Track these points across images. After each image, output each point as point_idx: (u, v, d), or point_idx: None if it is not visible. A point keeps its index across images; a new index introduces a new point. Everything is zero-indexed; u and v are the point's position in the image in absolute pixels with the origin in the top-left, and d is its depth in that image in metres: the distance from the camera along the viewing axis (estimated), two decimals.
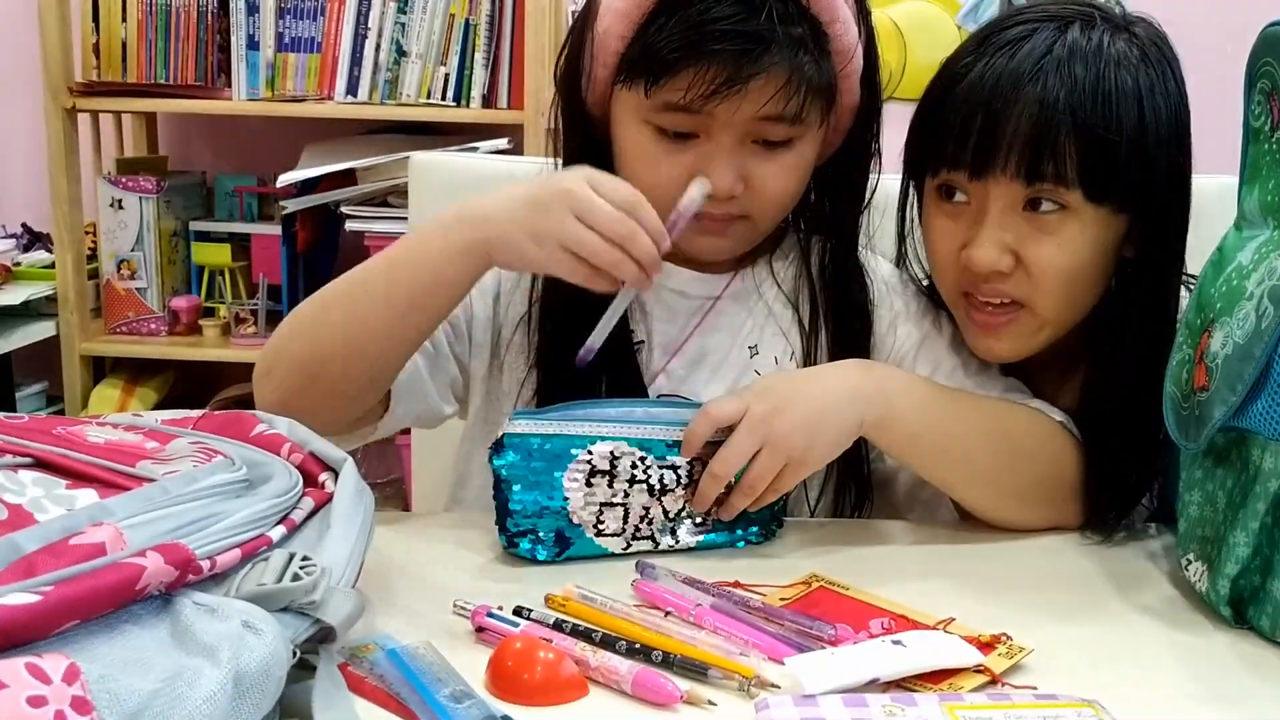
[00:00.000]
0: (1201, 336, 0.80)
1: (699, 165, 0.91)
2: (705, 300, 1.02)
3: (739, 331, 1.02)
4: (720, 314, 1.02)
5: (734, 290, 1.03)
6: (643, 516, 0.88)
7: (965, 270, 0.94)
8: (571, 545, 0.87)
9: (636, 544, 0.88)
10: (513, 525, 0.86)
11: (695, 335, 1.02)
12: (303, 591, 0.61)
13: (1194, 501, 0.82)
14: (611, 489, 0.86)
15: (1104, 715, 0.64)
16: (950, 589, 0.83)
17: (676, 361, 1.01)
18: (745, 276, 1.03)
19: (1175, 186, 0.92)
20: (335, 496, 0.72)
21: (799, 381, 0.91)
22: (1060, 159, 0.88)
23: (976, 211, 0.93)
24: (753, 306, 1.03)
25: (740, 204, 0.93)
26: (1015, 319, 0.95)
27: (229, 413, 0.83)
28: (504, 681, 0.67)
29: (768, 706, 0.64)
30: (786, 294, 1.03)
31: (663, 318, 1.02)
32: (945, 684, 0.68)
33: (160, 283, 2.12)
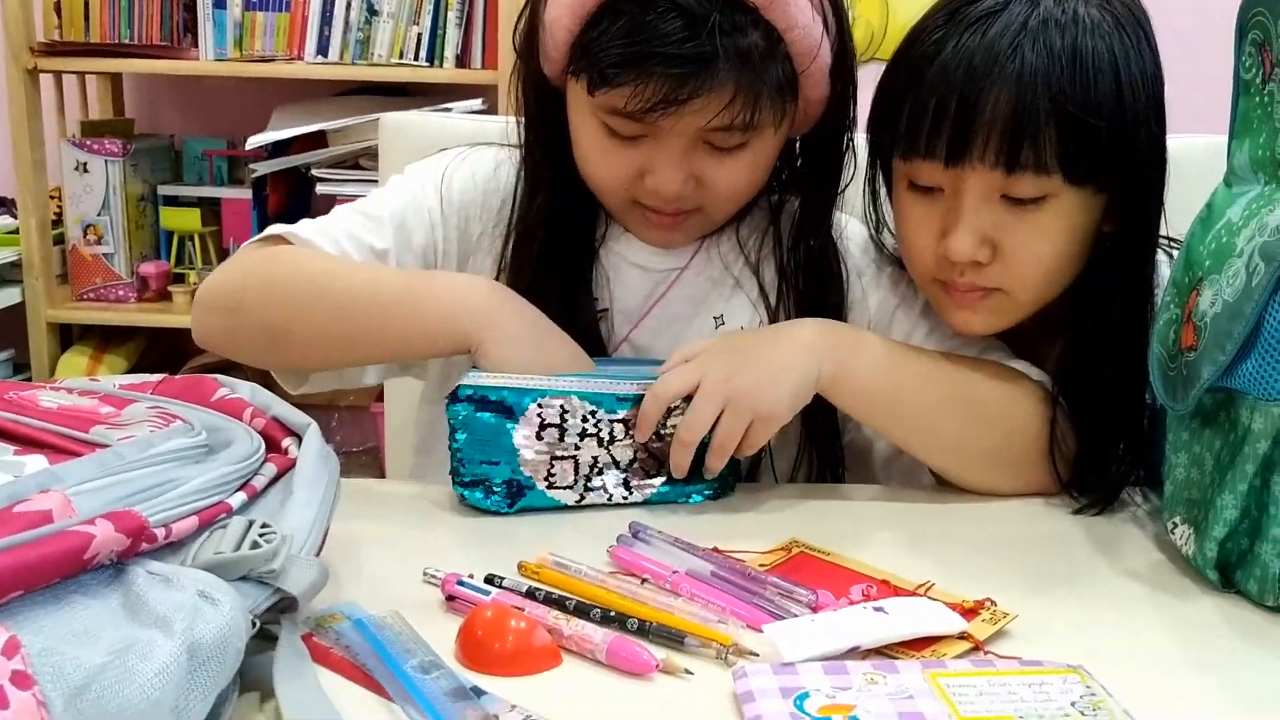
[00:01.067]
0: (1190, 295, 0.78)
1: (647, 164, 0.89)
2: (669, 271, 0.99)
3: (703, 301, 1.00)
4: (684, 284, 1.00)
5: (699, 261, 1.00)
6: (592, 467, 0.87)
7: (941, 259, 0.91)
8: (524, 497, 0.86)
9: (590, 496, 0.87)
10: (465, 474, 0.85)
11: (658, 305, 0.99)
12: (262, 560, 0.59)
13: (1180, 464, 0.81)
14: (562, 442, 0.86)
15: (1090, 681, 0.62)
16: (931, 553, 0.82)
17: (638, 331, 0.99)
18: (711, 246, 1.01)
19: (1153, 158, 0.89)
20: (298, 462, 0.70)
21: (754, 339, 0.90)
22: (1039, 146, 0.85)
23: (951, 200, 0.89)
24: (718, 276, 1.00)
25: (693, 199, 0.91)
26: (990, 297, 0.92)
27: (189, 376, 0.80)
28: (474, 651, 0.65)
29: (745, 675, 0.62)
30: (754, 263, 1.00)
31: (627, 288, 1.00)
32: (928, 651, 0.67)
33: (128, 248, 2.07)
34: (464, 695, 0.60)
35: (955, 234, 0.88)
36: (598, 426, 0.86)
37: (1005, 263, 0.89)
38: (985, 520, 0.89)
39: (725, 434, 0.85)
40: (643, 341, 0.99)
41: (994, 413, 0.91)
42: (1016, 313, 0.93)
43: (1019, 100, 0.84)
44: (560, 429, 0.86)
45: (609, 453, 0.87)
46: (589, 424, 0.86)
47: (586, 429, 0.86)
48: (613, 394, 0.86)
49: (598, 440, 0.86)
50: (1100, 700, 0.61)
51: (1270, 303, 0.69)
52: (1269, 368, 0.69)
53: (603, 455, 0.87)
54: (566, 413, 0.86)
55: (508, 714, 0.59)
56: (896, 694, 0.61)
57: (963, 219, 0.88)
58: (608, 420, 0.86)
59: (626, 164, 0.89)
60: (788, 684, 0.61)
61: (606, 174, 0.91)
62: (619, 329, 0.99)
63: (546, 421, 0.85)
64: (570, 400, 0.85)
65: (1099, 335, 0.92)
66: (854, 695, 0.60)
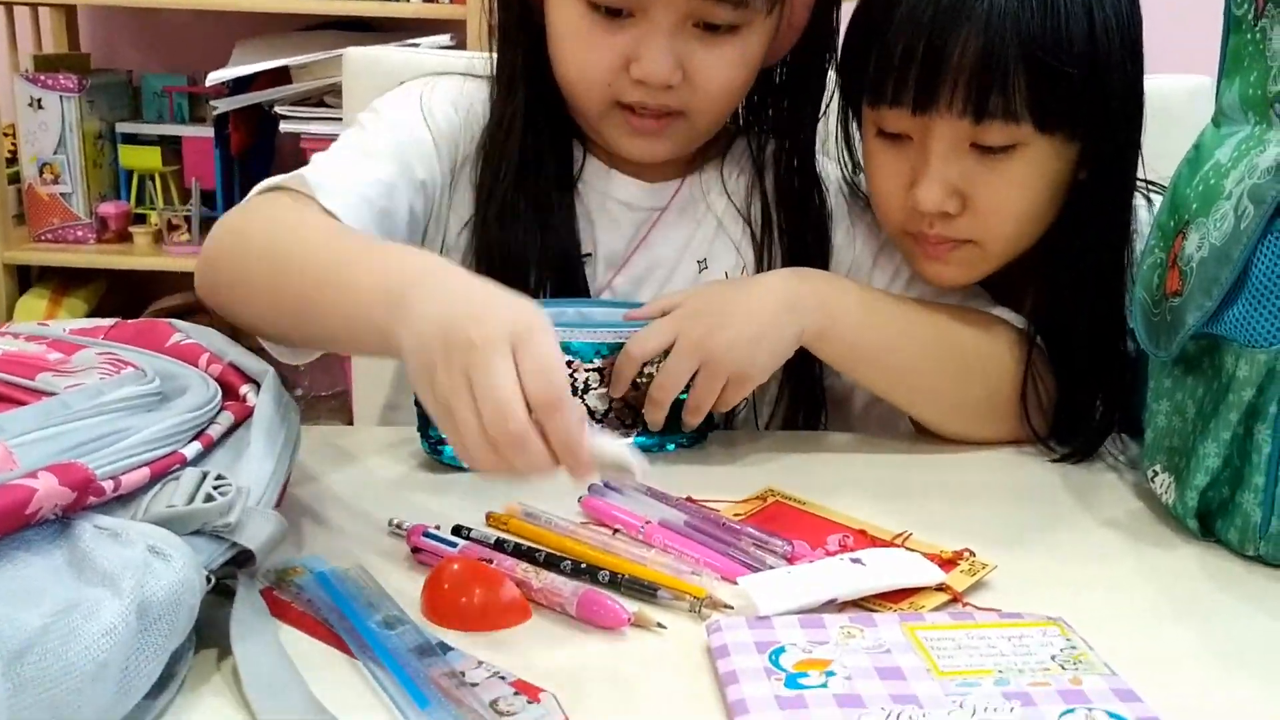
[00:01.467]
0: (1175, 239, 0.76)
1: (633, 48, 0.85)
2: (651, 211, 0.96)
3: (686, 244, 0.97)
4: (666, 225, 0.97)
5: (681, 200, 0.97)
6: None
7: (909, 210, 0.88)
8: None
9: None
10: (435, 432, 0.82)
11: (641, 249, 0.97)
12: (217, 513, 0.56)
13: (1162, 411, 0.79)
14: None
15: (1070, 634, 0.61)
16: (908, 502, 0.80)
17: (622, 277, 0.96)
18: (693, 184, 0.97)
19: (1129, 102, 0.87)
20: (256, 410, 0.67)
21: (731, 295, 0.86)
22: (1009, 93, 0.81)
23: (919, 148, 0.86)
24: (701, 217, 0.97)
25: (678, 97, 0.87)
26: (961, 249, 0.90)
27: (143, 321, 0.77)
28: (440, 606, 0.63)
29: (719, 629, 0.60)
30: (737, 205, 0.97)
31: (608, 229, 0.96)
32: (905, 603, 0.65)
33: (86, 188, 2.01)
34: (429, 651, 0.58)
35: (923, 184, 0.86)
36: (573, 376, 0.84)
37: (975, 214, 0.87)
38: (964, 469, 0.87)
39: (701, 393, 0.84)
40: (626, 289, 0.96)
41: (978, 363, 0.89)
42: (988, 264, 0.91)
43: (987, 44, 0.81)
44: None
45: (584, 402, 0.84)
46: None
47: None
48: (589, 343, 0.84)
49: (572, 390, 0.84)
50: (1081, 653, 0.59)
51: (1259, 247, 0.67)
52: (1256, 313, 0.68)
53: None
54: None
55: (474, 670, 0.57)
56: (874, 648, 0.59)
57: (930, 169, 0.85)
58: (583, 369, 0.84)
59: (610, 52, 0.85)
60: (763, 638, 0.60)
61: (588, 65, 0.86)
62: (602, 275, 0.96)
63: None
64: None
65: (1075, 283, 0.90)
66: (830, 649, 0.59)
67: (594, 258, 0.96)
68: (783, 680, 0.56)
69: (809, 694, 0.55)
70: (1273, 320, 0.67)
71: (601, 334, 0.84)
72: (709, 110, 0.90)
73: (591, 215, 0.96)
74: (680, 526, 0.73)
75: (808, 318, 0.85)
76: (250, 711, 0.53)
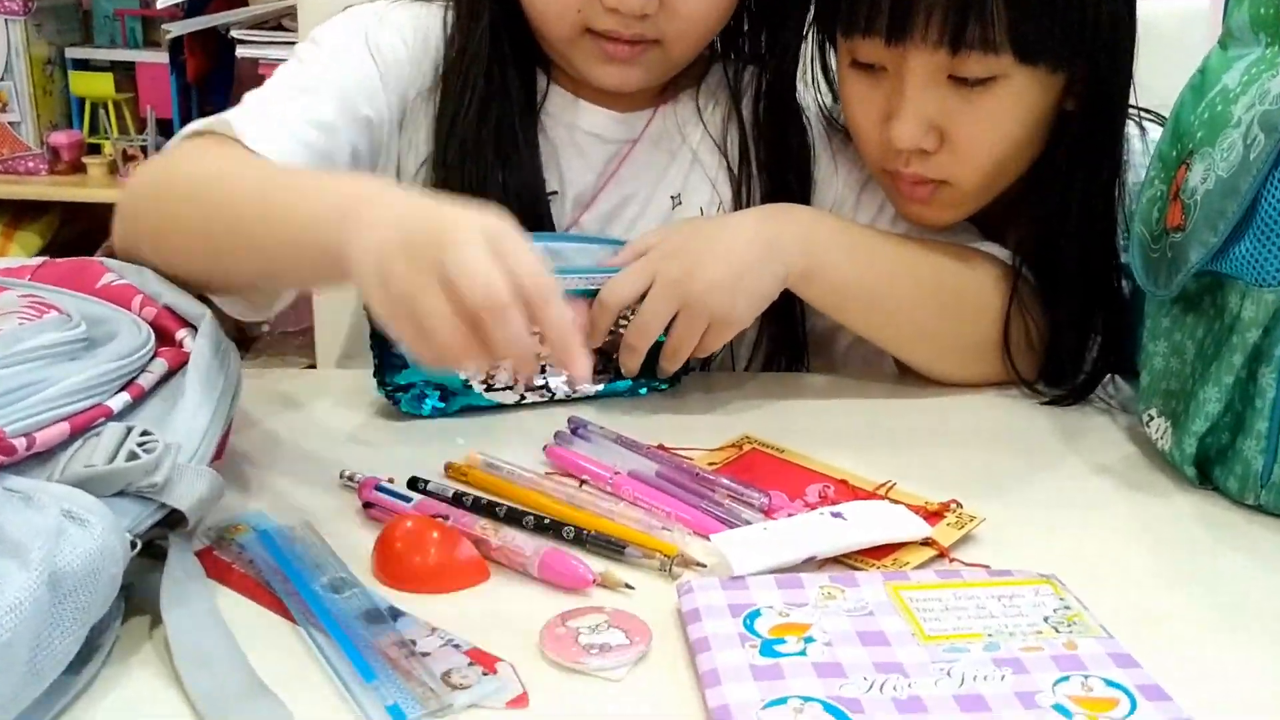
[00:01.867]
0: (1178, 170, 0.71)
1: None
2: (621, 144, 0.90)
3: (660, 179, 0.91)
4: (638, 159, 0.91)
5: (654, 131, 0.91)
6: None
7: (885, 146, 0.83)
8: (458, 396, 0.79)
9: (531, 396, 0.80)
10: (393, 378, 0.78)
11: (611, 184, 0.91)
12: (141, 472, 0.52)
13: (1159, 352, 0.75)
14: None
15: (1063, 593, 0.58)
16: (892, 450, 0.76)
17: (590, 214, 0.91)
18: (667, 115, 0.92)
19: (1117, 28, 0.80)
20: (191, 358, 0.62)
21: (709, 234, 0.81)
22: (987, 21, 0.76)
23: (895, 80, 0.80)
24: (675, 150, 0.92)
25: (653, 25, 0.81)
26: (940, 191, 0.85)
27: (74, 260, 0.72)
28: (392, 567, 0.59)
29: (691, 591, 0.56)
30: (714, 137, 0.92)
31: (576, 164, 0.90)
32: (889, 559, 0.61)
33: (36, 116, 1.93)
34: (378, 618, 0.54)
35: (899, 119, 0.80)
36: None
37: (953, 151, 0.81)
38: (950, 414, 0.83)
39: (680, 339, 0.79)
40: (594, 227, 0.91)
41: (968, 301, 0.85)
42: (969, 204, 0.87)
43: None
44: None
45: None
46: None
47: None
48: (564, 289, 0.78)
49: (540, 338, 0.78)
50: (1075, 614, 0.56)
51: (1269, 179, 0.63)
52: (1264, 250, 0.63)
53: (549, 357, 0.79)
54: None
55: (426, 638, 0.53)
56: (855, 610, 0.55)
57: (906, 103, 0.79)
58: None
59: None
60: (737, 600, 0.56)
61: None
62: (570, 213, 0.91)
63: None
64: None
65: (1063, 218, 0.85)
66: (809, 612, 0.55)
67: (561, 195, 0.90)
68: (758, 648, 0.52)
69: (785, 663, 0.51)
70: None
71: (573, 280, 0.78)
72: (685, 39, 0.84)
73: (557, 149, 0.90)
74: (651, 477, 0.69)
75: (791, 258, 0.80)
76: (182, 686, 0.49)
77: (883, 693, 0.50)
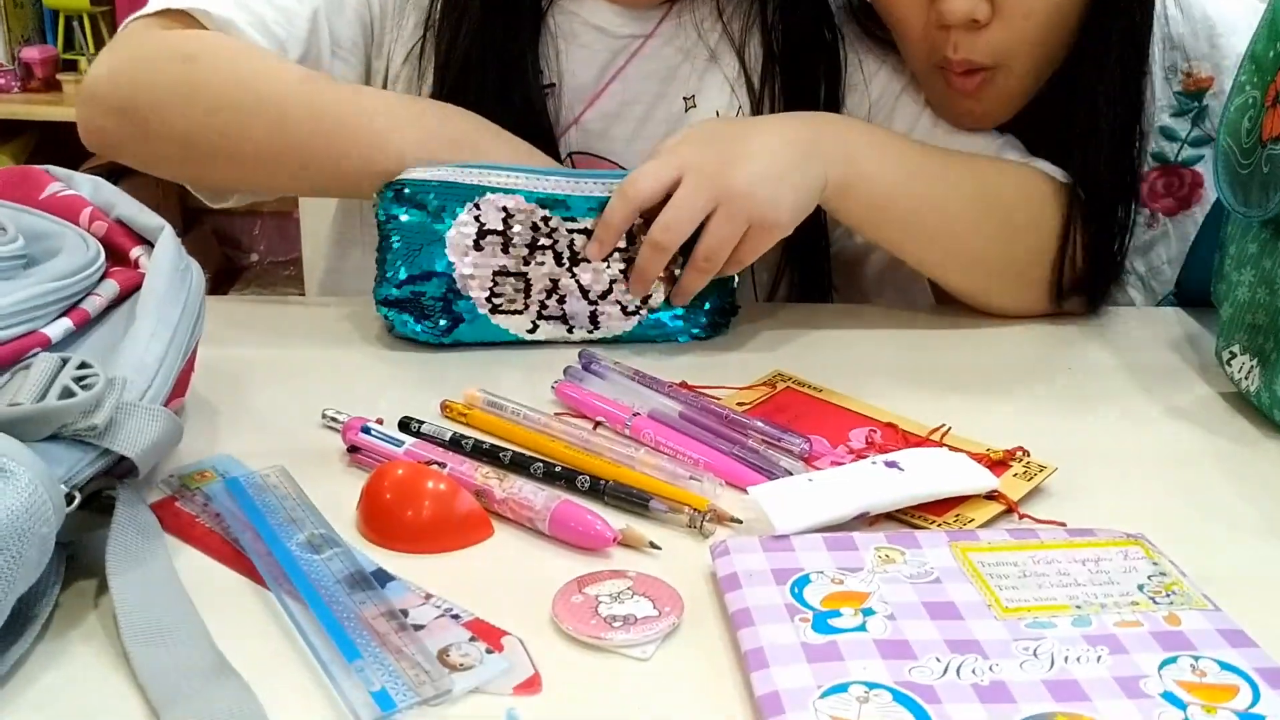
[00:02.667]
0: (1276, 74, 0.62)
1: None
2: (632, 39, 0.82)
3: (672, 78, 0.83)
4: (649, 56, 0.82)
5: (668, 28, 0.82)
6: (549, 291, 0.71)
7: (931, 29, 0.77)
8: (462, 323, 0.70)
9: (544, 325, 0.72)
10: (387, 292, 0.70)
11: (617, 81, 0.82)
12: (78, 411, 0.43)
13: (1244, 282, 0.67)
14: (507, 254, 0.70)
15: (1156, 556, 0.50)
16: (943, 389, 0.69)
17: (592, 112, 0.82)
18: (683, 10, 0.83)
19: None
20: (146, 279, 0.54)
21: (744, 130, 0.74)
22: None
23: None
24: (691, 49, 0.83)
25: None
26: (991, 81, 0.78)
27: (15, 169, 0.63)
28: (380, 521, 0.51)
29: (727, 553, 0.49)
30: (733, 36, 0.83)
31: (579, 57, 0.82)
32: (951, 515, 0.54)
33: (7, 31, 1.83)
34: (364, 583, 0.46)
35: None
36: (553, 237, 0.70)
37: (1004, 21, 0.75)
38: (1000, 348, 0.75)
39: (715, 242, 0.69)
40: (596, 126, 0.82)
41: (1024, 218, 0.77)
42: (1018, 96, 0.80)
43: None
44: (504, 237, 0.69)
45: (572, 276, 0.71)
46: (540, 233, 0.70)
47: (538, 239, 0.70)
48: (575, 195, 0.70)
49: (555, 256, 0.70)
50: (1173, 580, 0.48)
51: None
52: None
53: (564, 278, 0.71)
54: (511, 216, 0.69)
55: (420, 607, 0.46)
56: (919, 576, 0.48)
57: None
58: (566, 231, 0.70)
59: None
60: (781, 564, 0.48)
61: None
62: (568, 108, 0.82)
63: (486, 227, 0.69)
64: (515, 199, 0.69)
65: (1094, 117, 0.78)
66: (866, 579, 0.47)
67: (559, 89, 0.81)
68: (810, 622, 0.44)
69: (844, 640, 0.43)
70: None
71: (589, 186, 0.70)
72: None
73: (558, 40, 0.81)
74: (674, 419, 0.61)
75: (831, 165, 0.72)
76: (130, 665, 0.42)
77: (960, 677, 0.42)
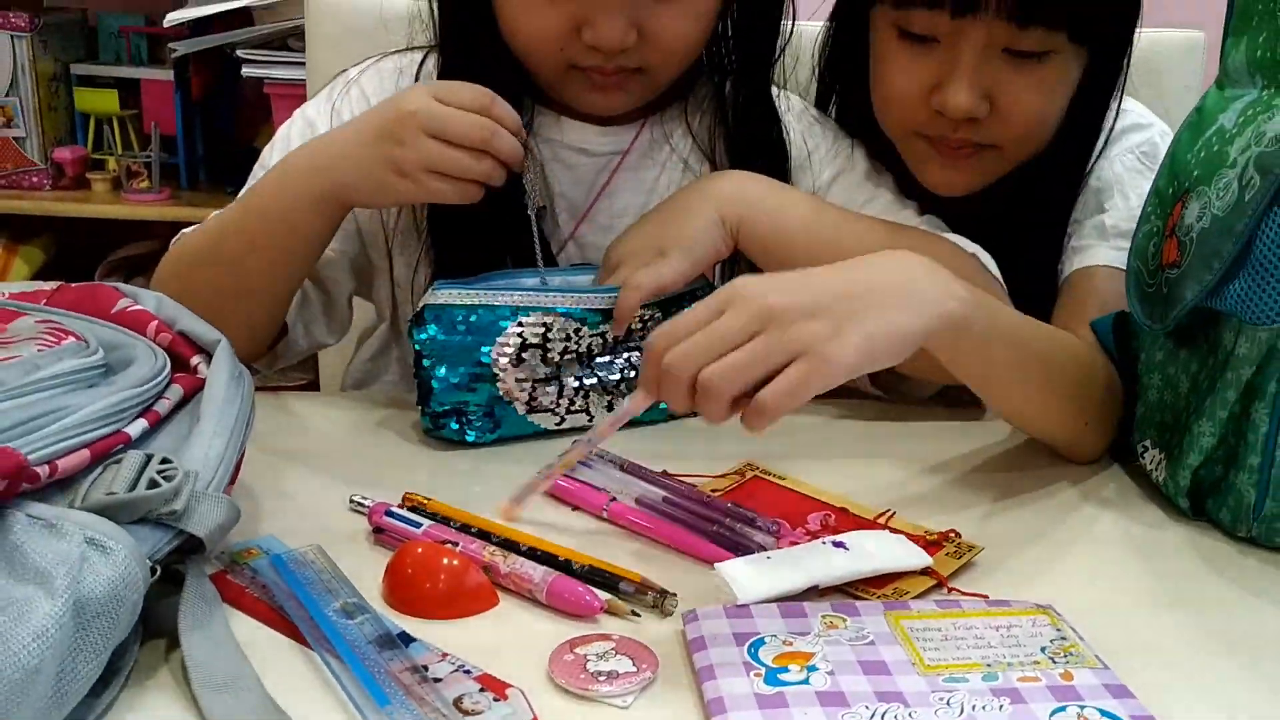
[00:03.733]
0: (1174, 207, 0.73)
1: (583, 13, 0.81)
2: (612, 156, 0.93)
3: (653, 188, 0.93)
4: (629, 170, 0.93)
5: (643, 143, 0.93)
6: (577, 390, 0.81)
7: (932, 114, 0.86)
8: (502, 425, 0.80)
9: (571, 418, 0.82)
10: (436, 404, 0.79)
11: (604, 196, 0.93)
12: (162, 500, 0.53)
13: (1153, 385, 0.77)
14: (544, 363, 0.80)
15: (1060, 623, 0.59)
16: (889, 476, 0.78)
17: (585, 227, 0.93)
18: (654, 127, 0.94)
19: (1133, 17, 0.87)
20: (207, 384, 0.63)
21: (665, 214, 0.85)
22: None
23: (949, 51, 0.84)
24: (664, 159, 0.94)
25: (635, 56, 0.83)
26: (981, 154, 0.88)
27: (86, 285, 0.73)
28: (403, 592, 0.60)
29: (696, 619, 0.58)
30: (700, 144, 0.94)
31: (567, 179, 0.92)
32: (889, 588, 0.63)
33: (41, 132, 1.94)
34: (390, 643, 0.55)
35: (954, 87, 0.83)
36: (581, 343, 0.81)
37: (1001, 118, 0.85)
38: (944, 440, 0.84)
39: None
40: (589, 239, 0.93)
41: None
42: (1000, 170, 0.90)
43: None
44: (543, 349, 0.79)
45: (594, 372, 0.81)
46: (571, 341, 0.80)
47: (569, 346, 0.80)
48: (598, 308, 0.81)
49: (578, 358, 0.81)
50: (1071, 644, 0.57)
51: (1264, 219, 0.64)
52: (1259, 289, 0.65)
53: (587, 376, 0.81)
54: (549, 329, 0.79)
55: (437, 664, 0.54)
56: (857, 639, 0.57)
57: (963, 72, 0.83)
58: (588, 335, 0.81)
59: (559, 16, 0.82)
60: (742, 629, 0.57)
61: (540, 31, 0.83)
62: (564, 225, 0.92)
63: (528, 342, 0.79)
64: (554, 317, 0.79)
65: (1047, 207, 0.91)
66: (812, 641, 0.56)
67: (551, 209, 0.92)
68: (762, 676, 0.53)
69: (790, 691, 0.52)
70: (1276, 297, 0.64)
71: (609, 299, 0.81)
72: (668, 65, 0.87)
73: (547, 166, 0.92)
74: (658, 503, 0.70)
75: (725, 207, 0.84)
76: (199, 709, 0.50)
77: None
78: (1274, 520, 0.68)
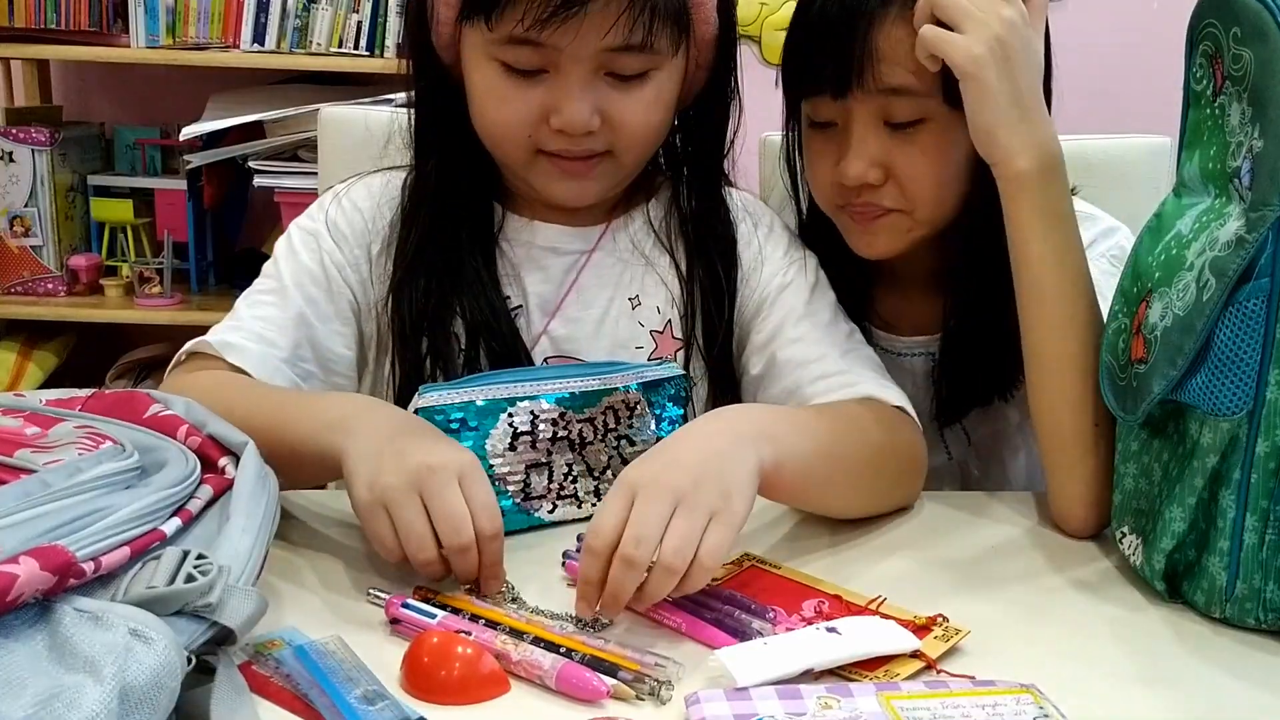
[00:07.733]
0: (1139, 306, 0.78)
1: (550, 101, 0.88)
2: (579, 255, 0.99)
3: (618, 283, 0.99)
4: (596, 267, 0.99)
5: (607, 241, 1.00)
6: (566, 475, 0.86)
7: (840, 186, 0.97)
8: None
9: (561, 506, 0.86)
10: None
11: (573, 292, 0.99)
12: (198, 593, 0.56)
13: (1129, 474, 0.81)
14: (535, 450, 0.84)
15: (1043, 702, 0.62)
16: (880, 565, 0.81)
17: (557, 322, 0.98)
18: (618, 225, 1.00)
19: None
20: (235, 484, 0.67)
21: (670, 441, 0.77)
22: (916, 71, 0.89)
23: (844, 132, 0.95)
24: (629, 256, 1.00)
25: (601, 139, 0.90)
26: (889, 216, 0.97)
27: (120, 392, 0.78)
28: (420, 679, 0.63)
29: (698, 702, 0.61)
30: (661, 239, 1.00)
31: (537, 278, 0.98)
32: (881, 671, 0.66)
33: (57, 240, 2.01)
34: None
35: (846, 160, 0.95)
36: (568, 429, 0.85)
37: (898, 183, 0.95)
38: (932, 530, 0.88)
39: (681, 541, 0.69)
40: (561, 333, 0.98)
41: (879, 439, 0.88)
42: (914, 231, 0.98)
43: (891, 30, 0.90)
44: (532, 436, 0.84)
45: (582, 458, 0.86)
46: (559, 427, 0.84)
47: (557, 432, 0.84)
48: (581, 391, 0.85)
49: (568, 443, 0.85)
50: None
51: (1220, 318, 0.69)
52: (1219, 383, 0.69)
53: (576, 461, 0.85)
54: (537, 418, 0.84)
55: None
56: (850, 719, 0.60)
57: (852, 146, 0.94)
58: (576, 422, 0.85)
59: (528, 105, 0.88)
60: (741, 710, 0.60)
61: (508, 120, 0.90)
62: (536, 322, 0.98)
63: (519, 430, 0.83)
64: (539, 404, 0.84)
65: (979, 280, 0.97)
66: None
67: (525, 308, 0.97)
68: None
69: None
70: (1235, 389, 0.69)
71: (591, 382, 0.85)
72: (633, 149, 0.93)
73: (518, 267, 0.98)
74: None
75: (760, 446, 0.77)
76: None
77: None
78: (1245, 601, 0.72)
